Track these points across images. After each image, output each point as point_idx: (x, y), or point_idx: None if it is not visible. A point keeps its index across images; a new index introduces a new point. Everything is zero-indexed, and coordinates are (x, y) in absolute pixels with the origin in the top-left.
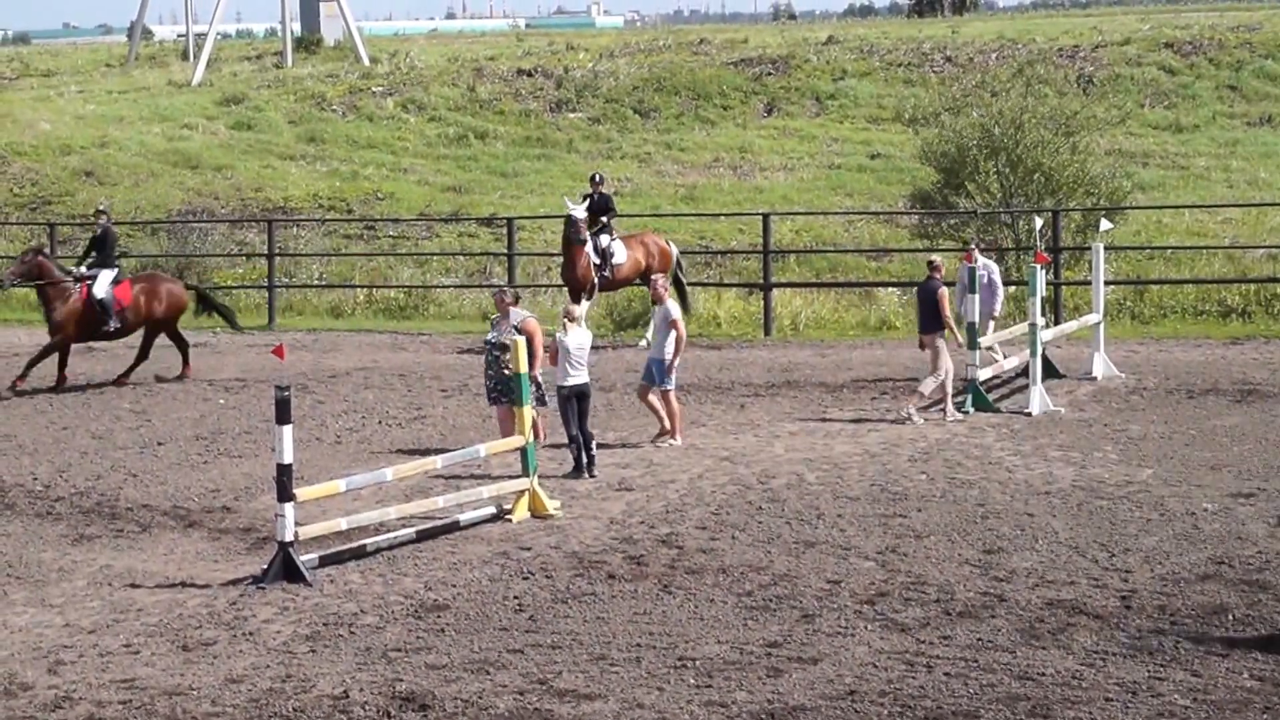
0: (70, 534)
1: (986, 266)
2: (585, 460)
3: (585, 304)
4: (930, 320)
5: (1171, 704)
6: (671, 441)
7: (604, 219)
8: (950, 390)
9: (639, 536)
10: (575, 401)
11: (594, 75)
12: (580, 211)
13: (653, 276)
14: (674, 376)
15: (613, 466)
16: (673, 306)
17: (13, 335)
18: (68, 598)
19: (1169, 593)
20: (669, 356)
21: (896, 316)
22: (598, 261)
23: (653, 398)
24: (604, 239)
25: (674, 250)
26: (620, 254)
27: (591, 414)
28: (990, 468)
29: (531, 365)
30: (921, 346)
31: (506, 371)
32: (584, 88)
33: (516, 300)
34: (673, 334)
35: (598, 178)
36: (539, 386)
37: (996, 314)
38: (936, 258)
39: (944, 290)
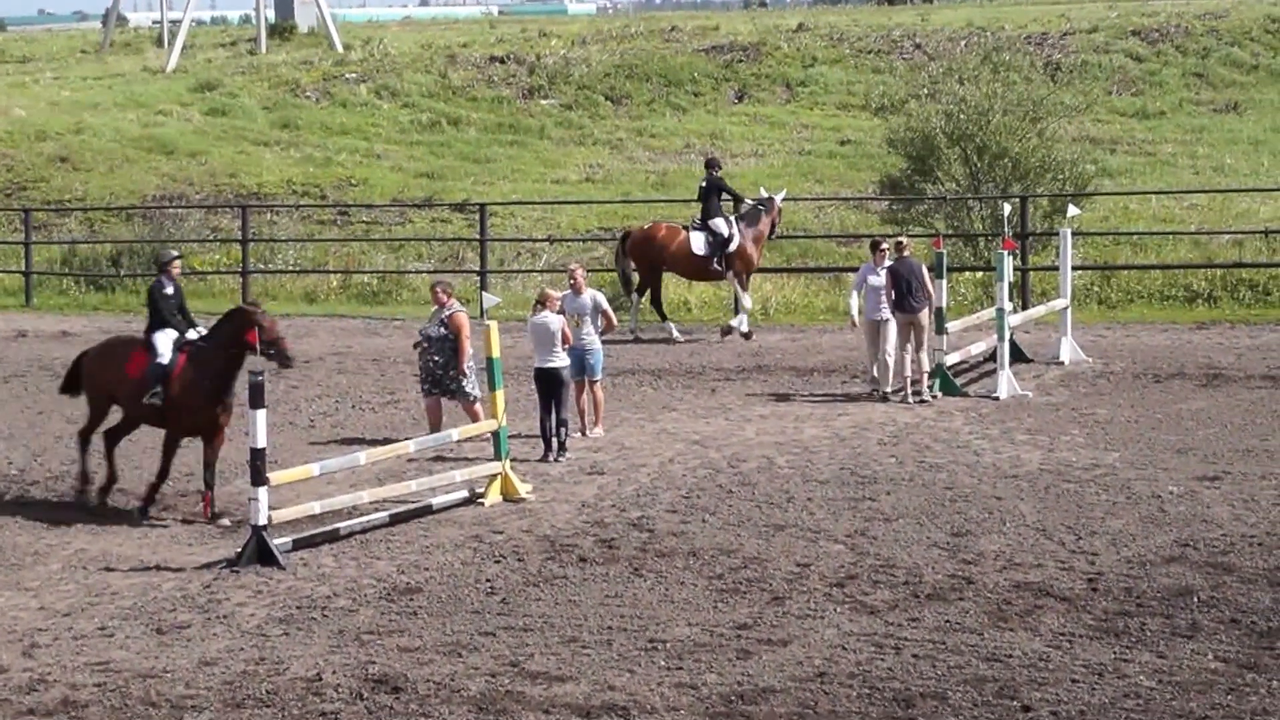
0: (45, 518)
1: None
2: (555, 444)
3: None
4: (912, 298)
5: (1137, 685)
6: (595, 431)
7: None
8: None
9: (610, 520)
10: (545, 385)
11: (566, 62)
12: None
13: (570, 266)
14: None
15: (584, 450)
16: (600, 296)
17: None
18: (43, 581)
19: (1135, 575)
20: (598, 347)
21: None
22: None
23: (591, 390)
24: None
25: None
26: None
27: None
28: (958, 451)
29: (459, 359)
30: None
31: (430, 363)
32: (556, 74)
33: (450, 294)
34: (601, 323)
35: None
36: (458, 381)
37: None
38: (904, 238)
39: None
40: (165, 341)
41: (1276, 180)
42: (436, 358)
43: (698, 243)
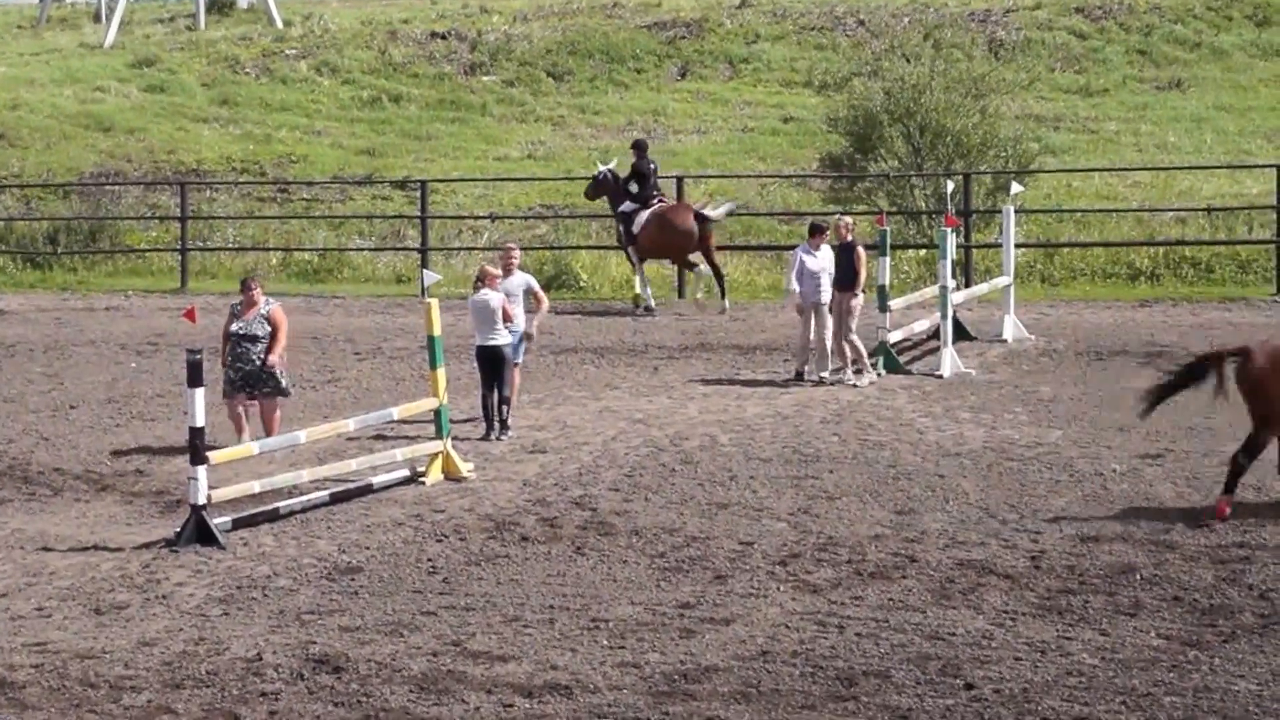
0: None
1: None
2: (497, 423)
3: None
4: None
5: (1080, 663)
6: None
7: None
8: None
9: (552, 499)
10: (486, 363)
11: (508, 38)
12: None
13: (507, 246)
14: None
15: (526, 429)
16: (530, 278)
17: None
18: None
19: (1078, 553)
20: (527, 328)
21: None
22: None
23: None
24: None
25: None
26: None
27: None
28: (902, 429)
29: (270, 351)
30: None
31: (256, 362)
32: (498, 50)
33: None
34: (532, 303)
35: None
36: (276, 378)
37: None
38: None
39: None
40: None
41: (1219, 158)
42: (262, 355)
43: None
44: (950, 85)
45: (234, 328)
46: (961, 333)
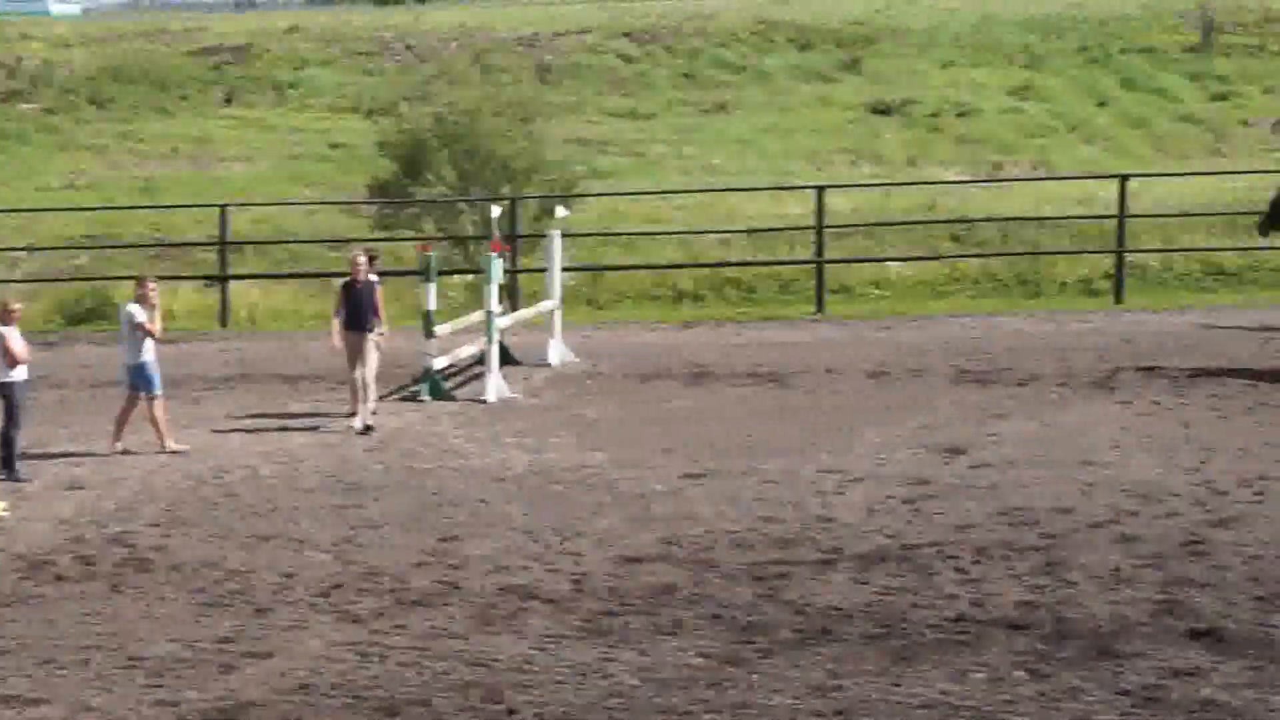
0: None
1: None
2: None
3: None
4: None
5: (620, 684)
6: (174, 446)
7: None
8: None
9: (89, 536)
10: None
11: (48, 65)
12: None
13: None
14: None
15: (64, 464)
16: (135, 309)
17: None
18: None
19: (620, 574)
20: (149, 359)
21: None
22: None
23: (149, 408)
24: None
25: None
26: None
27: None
28: (446, 455)
29: None
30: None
31: None
32: (37, 78)
33: None
34: (145, 336)
35: None
36: None
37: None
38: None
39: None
40: None
41: (763, 179)
42: None
43: None
44: (499, 110)
45: None
46: (507, 358)
